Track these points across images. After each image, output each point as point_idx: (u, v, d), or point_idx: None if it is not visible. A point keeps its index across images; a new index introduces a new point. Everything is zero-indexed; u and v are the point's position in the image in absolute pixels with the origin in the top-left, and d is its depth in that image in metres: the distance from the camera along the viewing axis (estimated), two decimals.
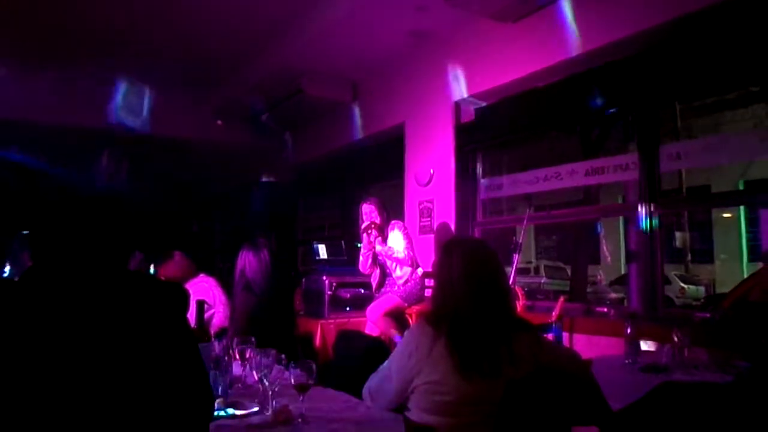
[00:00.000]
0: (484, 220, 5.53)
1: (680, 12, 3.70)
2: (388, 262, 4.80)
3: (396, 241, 4.75)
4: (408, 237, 4.82)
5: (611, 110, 4.59)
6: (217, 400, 1.90)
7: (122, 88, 6.93)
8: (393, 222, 4.87)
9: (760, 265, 3.52)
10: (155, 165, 9.46)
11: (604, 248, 15.99)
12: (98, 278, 1.40)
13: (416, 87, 5.91)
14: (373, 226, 4.79)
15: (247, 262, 3.66)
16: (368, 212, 4.85)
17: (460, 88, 5.38)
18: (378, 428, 1.78)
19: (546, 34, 4.53)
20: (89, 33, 5.68)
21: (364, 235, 4.83)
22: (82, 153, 7.82)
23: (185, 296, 1.49)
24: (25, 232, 4.54)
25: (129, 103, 7.05)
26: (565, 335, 4.16)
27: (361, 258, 4.94)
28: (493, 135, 5.38)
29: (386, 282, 4.87)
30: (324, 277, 5.18)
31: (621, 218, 12.77)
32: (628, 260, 5.61)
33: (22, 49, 5.98)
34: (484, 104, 5.44)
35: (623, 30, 4.01)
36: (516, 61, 4.80)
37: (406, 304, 4.69)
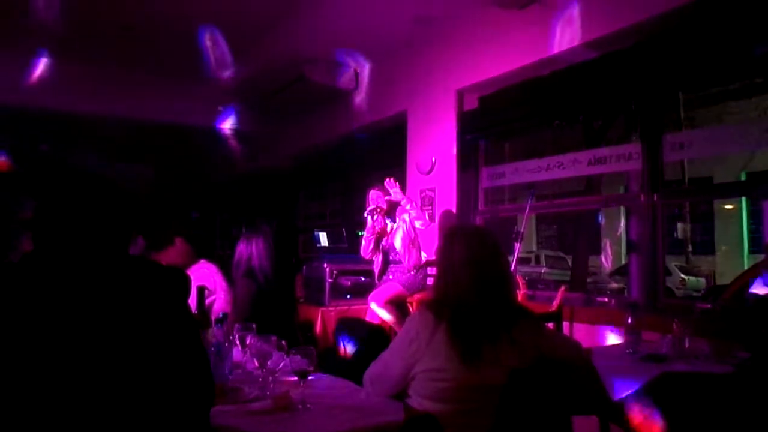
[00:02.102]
0: (486, 208, 5.52)
1: (685, 0, 3.67)
2: (398, 245, 4.77)
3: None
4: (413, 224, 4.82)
5: (615, 99, 4.57)
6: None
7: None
8: (399, 209, 4.86)
9: (761, 256, 3.52)
10: (156, 150, 9.45)
11: (605, 240, 15.99)
12: (99, 263, 1.40)
13: (419, 74, 5.87)
14: (378, 210, 4.79)
15: (247, 249, 3.66)
16: (375, 198, 4.85)
17: (462, 75, 5.35)
18: (378, 415, 1.78)
19: (550, 22, 4.50)
20: (92, 20, 5.65)
21: (369, 217, 4.83)
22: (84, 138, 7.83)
23: (187, 281, 1.49)
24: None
25: None
26: (566, 324, 4.17)
27: (363, 242, 4.95)
28: (495, 123, 5.35)
29: (388, 270, 4.87)
30: (325, 265, 5.17)
31: (622, 208, 12.75)
32: (629, 250, 5.61)
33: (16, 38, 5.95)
34: (486, 92, 5.41)
35: (627, 19, 3.99)
36: (520, 49, 4.77)
37: (407, 293, 4.70)
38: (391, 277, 4.81)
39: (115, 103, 7.09)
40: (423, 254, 4.81)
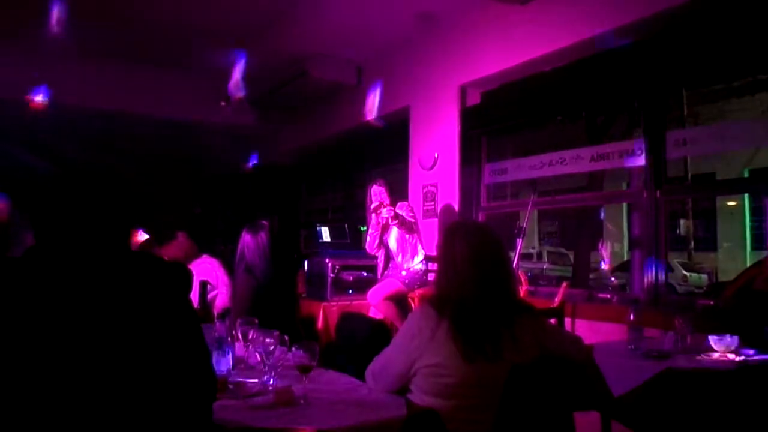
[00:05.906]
0: (488, 204, 5.51)
1: None
2: (392, 244, 4.79)
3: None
4: (414, 220, 4.82)
5: (618, 96, 4.56)
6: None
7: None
8: (400, 204, 4.86)
9: (764, 253, 3.51)
10: (158, 146, 9.45)
11: (607, 233, 16.00)
12: (101, 257, 1.40)
13: (422, 70, 5.86)
14: (382, 206, 4.80)
15: (246, 244, 3.66)
16: (377, 193, 4.85)
17: (465, 71, 5.34)
18: (380, 410, 1.78)
19: (553, 17, 4.48)
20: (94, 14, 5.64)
21: (373, 215, 4.84)
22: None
23: (188, 276, 1.48)
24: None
25: None
26: (568, 321, 4.17)
27: (368, 238, 4.97)
28: (498, 119, 5.34)
29: (389, 266, 4.88)
30: (327, 260, 5.18)
31: (624, 204, 12.75)
32: (632, 247, 5.60)
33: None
34: (489, 88, 5.40)
35: (630, 15, 3.97)
36: (523, 45, 4.75)
37: (407, 289, 4.70)
38: (391, 272, 4.82)
39: (119, 99, 7.08)
40: (421, 252, 4.80)
